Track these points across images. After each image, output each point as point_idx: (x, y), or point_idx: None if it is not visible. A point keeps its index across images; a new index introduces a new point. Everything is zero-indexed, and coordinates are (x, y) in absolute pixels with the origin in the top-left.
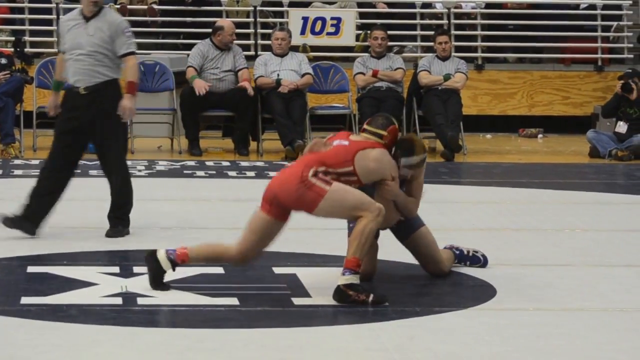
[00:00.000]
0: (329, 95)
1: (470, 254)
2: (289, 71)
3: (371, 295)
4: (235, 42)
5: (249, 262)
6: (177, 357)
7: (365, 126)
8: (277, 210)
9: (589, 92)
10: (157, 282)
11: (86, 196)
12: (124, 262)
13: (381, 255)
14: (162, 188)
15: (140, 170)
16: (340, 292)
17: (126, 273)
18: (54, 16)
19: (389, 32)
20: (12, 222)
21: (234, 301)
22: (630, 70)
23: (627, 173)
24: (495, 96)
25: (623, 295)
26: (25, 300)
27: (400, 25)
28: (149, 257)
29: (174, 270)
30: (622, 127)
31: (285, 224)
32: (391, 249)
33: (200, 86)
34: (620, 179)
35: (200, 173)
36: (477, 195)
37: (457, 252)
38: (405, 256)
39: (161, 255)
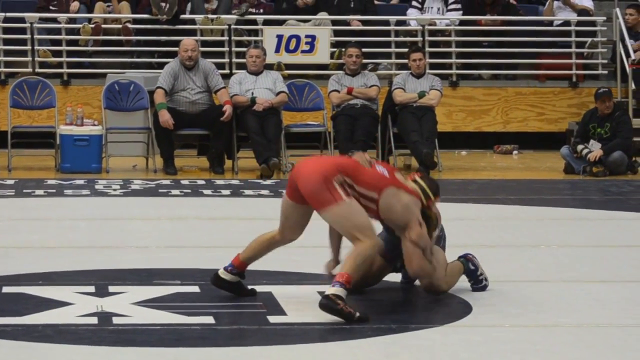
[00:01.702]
0: (304, 113)
1: (481, 277)
2: (264, 89)
3: (357, 312)
4: (211, 60)
5: (296, 239)
6: None
7: (417, 177)
8: (298, 195)
9: (564, 108)
10: (242, 292)
11: (61, 216)
12: (100, 282)
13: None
14: (137, 207)
15: (115, 190)
16: (328, 301)
17: (101, 292)
18: (28, 36)
19: (364, 50)
20: None
21: (210, 320)
22: (607, 89)
23: (602, 189)
24: (470, 113)
25: (599, 311)
26: (0, 320)
27: (374, 43)
28: (217, 282)
29: (243, 278)
30: (594, 146)
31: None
32: None
33: (165, 120)
34: (595, 195)
35: (176, 192)
36: (452, 212)
37: (472, 267)
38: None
39: (222, 273)
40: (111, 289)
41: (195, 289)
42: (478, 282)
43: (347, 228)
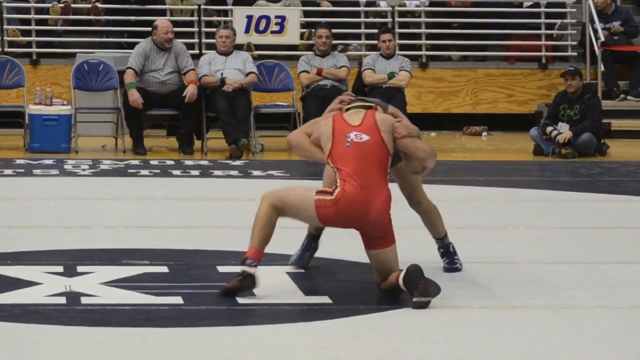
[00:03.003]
0: (274, 93)
1: (457, 260)
2: (233, 70)
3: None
4: (180, 40)
5: None
6: (121, 357)
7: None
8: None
9: (533, 90)
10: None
11: (30, 195)
12: (68, 262)
13: (322, 252)
14: (106, 187)
15: (84, 170)
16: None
17: (70, 272)
18: None
19: (334, 31)
20: None
21: (179, 300)
22: (572, 68)
23: (571, 171)
24: (440, 94)
25: (567, 292)
26: None
27: (344, 24)
28: (247, 282)
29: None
30: (563, 128)
31: None
32: (332, 248)
33: (134, 99)
34: (564, 176)
35: (145, 172)
36: None
37: (452, 250)
38: (346, 253)
39: (252, 271)
40: (79, 268)
41: (163, 269)
42: (453, 264)
43: (386, 268)
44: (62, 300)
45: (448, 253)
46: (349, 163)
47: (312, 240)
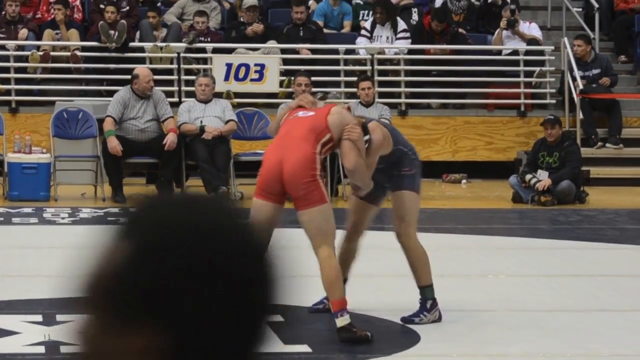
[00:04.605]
0: (253, 141)
1: (421, 318)
2: (213, 118)
3: (368, 332)
4: (159, 88)
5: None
6: None
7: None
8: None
9: (512, 138)
10: None
11: (9, 244)
12: (47, 311)
13: (303, 301)
14: (85, 235)
15: (63, 218)
16: (346, 333)
17: (49, 321)
18: None
19: (313, 78)
20: None
21: None
22: (552, 117)
23: (550, 218)
24: (419, 142)
25: (545, 341)
26: None
27: (324, 71)
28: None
29: None
30: (542, 175)
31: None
32: (313, 297)
33: (113, 147)
34: (543, 224)
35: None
36: None
37: (428, 305)
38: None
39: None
40: (59, 317)
41: None
42: (414, 316)
43: (317, 230)
44: (41, 349)
45: (421, 305)
46: (280, 131)
47: None
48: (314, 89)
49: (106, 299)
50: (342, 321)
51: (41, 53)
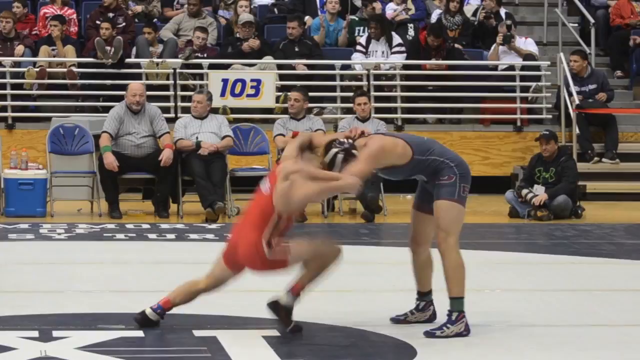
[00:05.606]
0: (249, 157)
1: (445, 331)
2: (209, 133)
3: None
4: (155, 104)
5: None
6: None
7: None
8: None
9: (509, 153)
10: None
11: (5, 260)
12: (43, 327)
13: (299, 316)
14: (81, 251)
15: (59, 234)
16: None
17: (45, 337)
18: None
19: (310, 94)
20: None
21: None
22: (547, 132)
23: (546, 233)
24: None
25: (543, 356)
26: None
27: (320, 87)
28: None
29: (162, 318)
30: (538, 190)
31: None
32: (309, 312)
33: (109, 162)
34: (540, 239)
35: (120, 236)
36: (397, 256)
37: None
38: (324, 316)
39: (149, 312)
40: (55, 333)
41: (139, 333)
42: (439, 329)
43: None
44: None
45: (447, 317)
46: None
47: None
48: (310, 105)
49: None
50: None
51: (37, 69)
